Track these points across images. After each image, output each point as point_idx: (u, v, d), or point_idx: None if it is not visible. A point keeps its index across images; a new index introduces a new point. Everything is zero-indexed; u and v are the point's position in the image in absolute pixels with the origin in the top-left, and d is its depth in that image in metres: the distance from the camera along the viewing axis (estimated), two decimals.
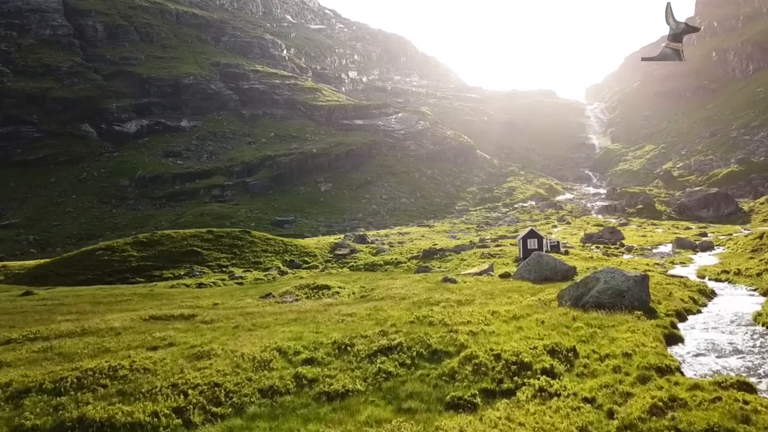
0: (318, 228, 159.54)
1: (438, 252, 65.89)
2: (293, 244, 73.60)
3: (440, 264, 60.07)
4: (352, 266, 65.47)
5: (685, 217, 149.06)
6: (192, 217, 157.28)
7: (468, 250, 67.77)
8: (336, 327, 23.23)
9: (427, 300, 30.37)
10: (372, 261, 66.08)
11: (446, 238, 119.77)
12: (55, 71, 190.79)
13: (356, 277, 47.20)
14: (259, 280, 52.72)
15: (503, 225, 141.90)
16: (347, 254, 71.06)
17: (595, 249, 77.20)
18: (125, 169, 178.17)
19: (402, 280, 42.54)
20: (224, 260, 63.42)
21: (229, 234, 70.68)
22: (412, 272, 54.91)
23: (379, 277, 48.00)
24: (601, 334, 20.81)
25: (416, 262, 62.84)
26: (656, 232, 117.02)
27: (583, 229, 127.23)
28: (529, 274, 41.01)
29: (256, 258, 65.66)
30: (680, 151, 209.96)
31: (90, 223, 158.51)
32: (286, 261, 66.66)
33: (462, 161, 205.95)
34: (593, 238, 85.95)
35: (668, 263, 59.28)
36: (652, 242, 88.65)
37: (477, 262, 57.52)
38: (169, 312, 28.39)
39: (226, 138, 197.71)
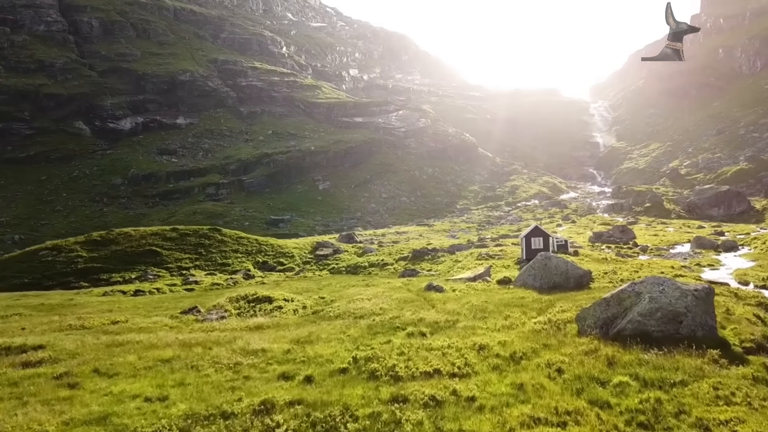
0: (314, 227, 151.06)
1: (430, 252, 56.80)
2: (269, 244, 64.59)
3: (431, 266, 51.05)
4: (332, 268, 56.65)
5: (695, 215, 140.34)
6: (184, 216, 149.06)
7: (464, 251, 58.67)
8: (202, 387, 14.23)
9: (393, 322, 21.58)
10: (355, 262, 57.15)
11: (445, 237, 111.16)
12: (48, 67, 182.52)
13: (326, 283, 38.29)
14: (217, 285, 43.85)
15: (505, 224, 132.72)
16: (329, 255, 62.10)
17: (606, 249, 67.90)
18: (118, 167, 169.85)
19: (377, 287, 33.58)
20: (186, 261, 54.71)
21: (196, 232, 61.82)
22: (396, 276, 45.95)
23: (352, 282, 39.15)
24: (671, 407, 11.45)
25: (404, 264, 53.81)
26: (667, 230, 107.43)
27: (589, 228, 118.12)
28: (533, 281, 32.07)
29: (224, 259, 56.90)
30: (687, 149, 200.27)
31: (79, 222, 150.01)
32: (258, 263, 57.80)
33: (464, 159, 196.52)
34: (603, 238, 76.45)
35: (694, 265, 50.01)
36: (667, 242, 79.05)
37: (473, 264, 48.38)
38: None
39: (223, 136, 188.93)
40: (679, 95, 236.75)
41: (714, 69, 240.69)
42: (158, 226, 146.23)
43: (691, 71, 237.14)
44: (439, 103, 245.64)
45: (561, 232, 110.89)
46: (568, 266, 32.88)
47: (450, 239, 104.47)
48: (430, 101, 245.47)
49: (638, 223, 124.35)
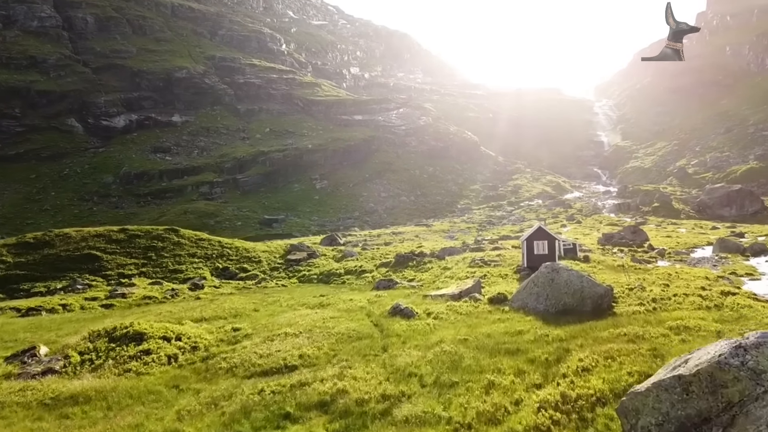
0: (309, 227, 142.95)
1: (416, 257, 48.03)
2: (233, 247, 55.85)
3: (414, 275, 42.44)
4: (303, 276, 48.23)
5: (706, 215, 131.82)
6: (174, 216, 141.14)
7: (456, 255, 49.97)
8: None
9: (294, 394, 14.38)
10: (330, 269, 48.63)
11: (442, 238, 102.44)
12: (41, 63, 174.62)
13: (273, 299, 29.90)
14: (149, 300, 35.21)
15: (507, 224, 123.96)
16: (302, 260, 53.49)
17: (619, 253, 58.91)
18: (110, 165, 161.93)
19: (331, 308, 24.64)
20: (131, 268, 46.33)
21: (148, 233, 53.23)
22: (370, 288, 36.92)
23: (307, 299, 30.66)
24: None
25: (384, 271, 45.22)
26: (680, 231, 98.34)
27: (595, 228, 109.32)
28: (536, 301, 23.37)
29: (177, 265, 48.47)
30: (694, 148, 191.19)
31: (67, 222, 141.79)
32: (218, 269, 49.28)
33: (465, 158, 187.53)
34: (613, 240, 67.31)
35: (729, 274, 40.84)
36: (684, 244, 69.84)
37: (463, 273, 39.66)
38: None
39: (219, 133, 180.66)
40: (686, 93, 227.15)
41: (721, 67, 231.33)
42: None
43: (698, 69, 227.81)
44: (440, 102, 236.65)
45: (566, 232, 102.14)
46: (583, 282, 23.48)
47: (447, 240, 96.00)
48: (432, 100, 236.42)
49: (647, 223, 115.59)
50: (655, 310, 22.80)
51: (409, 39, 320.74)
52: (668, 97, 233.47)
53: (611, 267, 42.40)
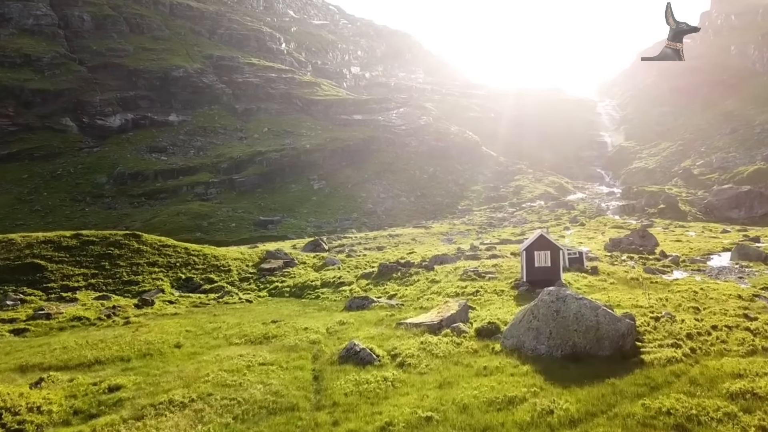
0: (305, 229, 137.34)
1: (402, 267, 42.13)
2: (201, 254, 49.92)
3: (397, 288, 36.68)
4: (275, 288, 42.52)
5: (713, 217, 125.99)
6: (166, 217, 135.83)
7: (449, 264, 44.06)
8: None
9: None
10: (305, 281, 42.84)
11: (440, 241, 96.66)
12: (35, 62, 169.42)
13: (215, 325, 23.81)
14: (79, 321, 29.03)
15: (508, 227, 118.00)
16: (276, 270, 47.70)
17: (629, 261, 52.78)
18: (104, 165, 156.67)
19: (270, 345, 19.26)
20: (79, 279, 40.65)
21: (105, 239, 47.42)
22: (342, 306, 30.84)
23: (250, 327, 24.50)
24: None
25: (365, 284, 39.43)
26: (689, 235, 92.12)
27: (600, 231, 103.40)
28: (536, 340, 17.63)
29: (133, 275, 42.77)
30: (699, 149, 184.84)
31: (57, 223, 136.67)
32: (180, 280, 43.57)
33: (466, 159, 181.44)
34: (622, 245, 61.17)
35: (761, 289, 34.83)
36: (698, 250, 63.68)
37: (453, 287, 33.85)
38: None
39: (217, 133, 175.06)
40: (690, 93, 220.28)
41: (726, 67, 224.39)
42: (140, 228, 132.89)
43: (702, 69, 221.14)
44: (442, 102, 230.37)
45: (569, 235, 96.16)
46: (599, 316, 17.32)
47: (444, 244, 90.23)
48: (433, 99, 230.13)
49: (654, 226, 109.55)
50: (695, 353, 16.90)
51: (410, 39, 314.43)
52: (672, 97, 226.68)
53: (624, 280, 36.32)
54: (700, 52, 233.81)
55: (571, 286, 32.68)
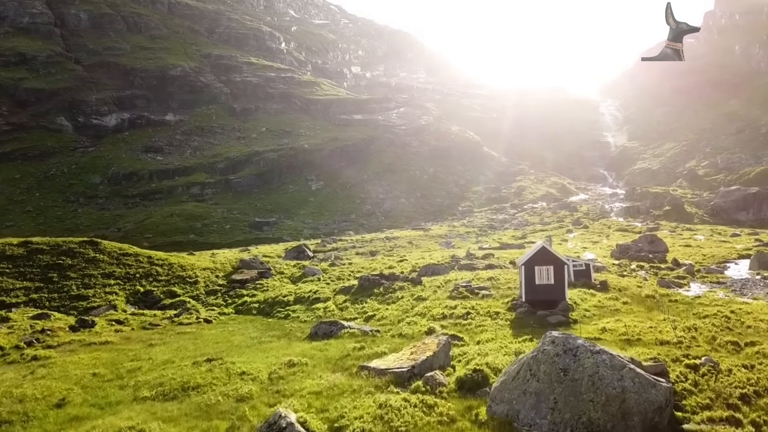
0: (302, 231, 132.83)
1: (386, 281, 37.22)
2: (166, 264, 44.93)
3: (377, 308, 31.80)
4: (243, 304, 37.76)
5: (721, 220, 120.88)
6: (159, 218, 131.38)
7: (440, 275, 39.11)
8: None
9: None
10: (278, 295, 38.00)
11: (438, 245, 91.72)
12: (30, 60, 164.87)
13: (136, 364, 19.46)
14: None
15: (509, 229, 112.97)
16: (249, 281, 42.84)
17: (639, 271, 47.66)
18: (98, 165, 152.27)
19: (180, 405, 13.69)
20: (19, 293, 35.81)
21: (57, 247, 42.54)
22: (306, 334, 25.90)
23: (208, 349, 19.28)
24: None
25: (342, 300, 34.56)
26: (697, 239, 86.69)
27: (604, 234, 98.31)
28: (534, 410, 12.42)
29: (83, 288, 37.95)
30: (704, 149, 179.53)
31: (48, 224, 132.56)
32: (138, 294, 38.70)
33: (468, 159, 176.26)
34: (630, 252, 56.01)
35: None
36: (711, 256, 58.62)
37: (440, 307, 28.99)
38: None
39: (214, 133, 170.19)
40: (694, 93, 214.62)
41: (730, 66, 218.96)
42: (133, 230, 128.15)
43: (706, 69, 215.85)
44: (443, 102, 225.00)
45: (572, 239, 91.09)
46: (624, 379, 12.15)
47: (442, 248, 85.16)
48: (434, 99, 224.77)
49: (660, 229, 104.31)
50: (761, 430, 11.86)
51: (411, 38, 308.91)
52: (675, 97, 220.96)
53: (638, 298, 31.17)
54: (704, 52, 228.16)
55: (578, 308, 27.62)
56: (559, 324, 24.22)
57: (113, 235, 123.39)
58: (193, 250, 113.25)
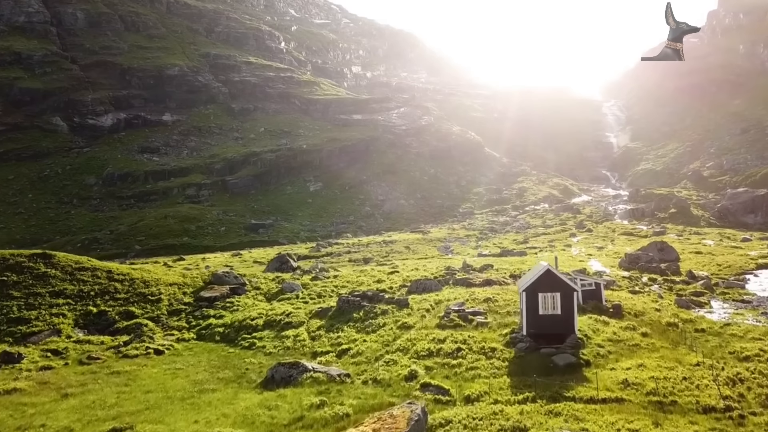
0: (298, 234, 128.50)
1: (368, 303, 32.66)
2: (128, 279, 40.32)
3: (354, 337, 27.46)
4: (207, 327, 33.56)
5: (728, 223, 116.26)
6: (153, 220, 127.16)
7: (432, 292, 34.69)
8: None
9: None
10: (247, 317, 33.65)
11: (436, 249, 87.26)
12: (25, 60, 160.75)
13: None
14: None
15: (510, 232, 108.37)
16: (218, 299, 38.41)
17: (652, 285, 43.04)
18: (93, 166, 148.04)
19: None
20: None
21: (3, 261, 37.77)
22: (262, 377, 21.25)
23: (115, 408, 14.55)
24: None
25: (317, 326, 30.20)
26: (706, 244, 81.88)
27: (609, 238, 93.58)
28: None
29: (27, 309, 33.48)
30: (708, 150, 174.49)
31: (40, 226, 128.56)
32: (90, 315, 34.23)
33: (469, 159, 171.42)
34: (640, 263, 51.33)
35: None
36: (728, 267, 53.87)
37: (427, 339, 24.63)
38: None
39: (212, 133, 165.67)
40: (697, 94, 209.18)
41: (734, 66, 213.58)
42: (126, 232, 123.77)
43: (709, 68, 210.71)
44: (444, 102, 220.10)
45: (576, 243, 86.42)
46: None
47: (440, 254, 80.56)
48: (435, 99, 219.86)
49: (667, 233, 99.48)
50: None
51: (413, 38, 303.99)
52: (678, 98, 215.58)
53: (659, 328, 26.47)
54: (707, 52, 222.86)
55: (590, 343, 22.99)
56: (569, 367, 19.71)
57: (105, 237, 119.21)
58: (186, 253, 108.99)
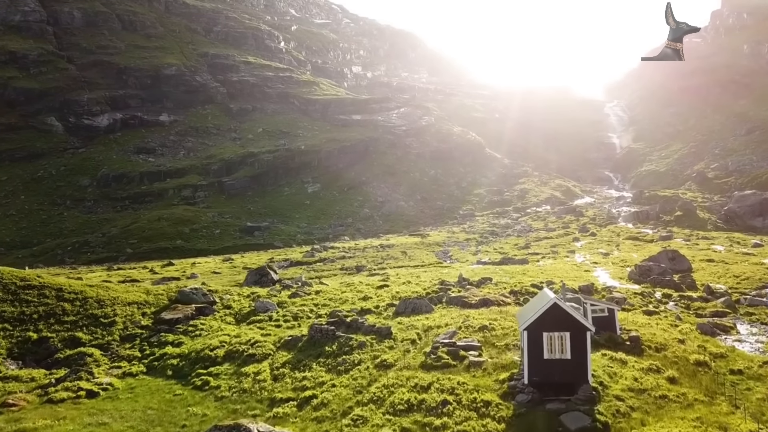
0: (294, 236, 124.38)
1: (344, 333, 28.32)
2: (80, 298, 35.69)
3: (321, 379, 23.38)
4: (160, 358, 29.34)
5: (735, 226, 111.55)
6: (146, 223, 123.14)
7: (422, 314, 30.37)
8: None
9: None
10: (206, 347, 29.41)
11: (434, 255, 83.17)
12: (21, 59, 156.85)
13: None
14: None
15: (512, 236, 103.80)
16: (180, 322, 33.98)
17: (667, 303, 38.61)
18: (88, 167, 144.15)
19: None
20: None
21: None
22: None
23: None
24: None
25: (283, 360, 25.83)
26: (716, 250, 77.40)
27: (614, 243, 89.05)
28: None
29: None
30: (713, 151, 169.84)
31: (31, 228, 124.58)
32: (28, 342, 29.68)
33: (469, 160, 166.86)
34: (652, 275, 46.92)
35: None
36: (745, 279, 50.18)
37: (406, 388, 20.99)
38: None
39: (209, 134, 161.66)
40: (701, 94, 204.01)
41: (739, 66, 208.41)
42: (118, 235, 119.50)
43: (713, 68, 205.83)
44: (445, 102, 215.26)
45: (580, 249, 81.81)
46: None
47: (439, 259, 76.20)
48: (436, 99, 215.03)
49: (673, 237, 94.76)
50: None
51: (414, 38, 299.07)
52: (682, 98, 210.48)
53: (687, 368, 22.02)
54: (711, 52, 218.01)
55: (607, 394, 18.55)
56: None
57: (97, 240, 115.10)
58: (179, 256, 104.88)
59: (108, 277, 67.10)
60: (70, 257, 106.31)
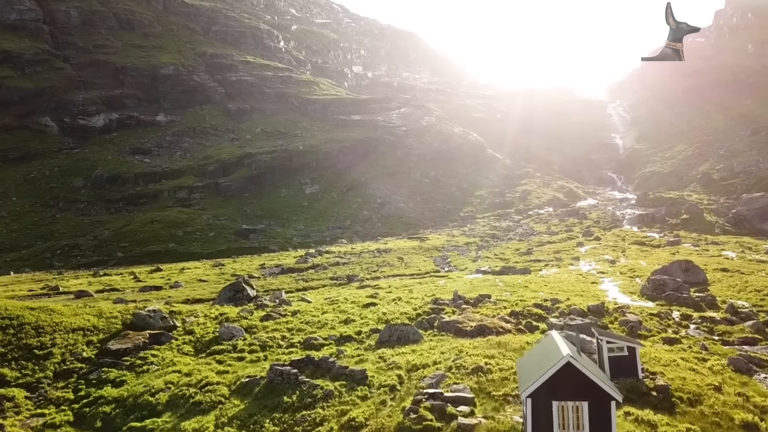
0: (291, 239, 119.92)
1: (315, 370, 23.27)
2: (16, 324, 30.35)
3: None
4: (92, 404, 24.58)
5: (744, 230, 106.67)
6: (139, 225, 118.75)
7: (410, 344, 26.15)
8: None
9: None
10: (146, 391, 24.74)
11: (432, 261, 78.95)
12: (15, 58, 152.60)
13: None
14: None
15: (513, 239, 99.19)
16: (131, 351, 28.95)
17: (689, 327, 34.21)
18: (82, 168, 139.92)
19: None
20: None
21: None
22: None
23: None
24: None
25: (234, 411, 21.05)
26: (728, 257, 72.90)
27: (620, 248, 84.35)
28: None
29: None
30: (718, 152, 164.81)
31: (22, 231, 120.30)
32: None
33: (471, 161, 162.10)
34: (666, 290, 42.54)
35: None
36: (767, 293, 44.16)
37: None
38: None
39: (206, 134, 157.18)
40: (705, 94, 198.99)
41: (743, 66, 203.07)
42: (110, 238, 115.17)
43: (718, 68, 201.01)
44: (446, 102, 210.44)
45: (584, 255, 77.14)
46: None
47: (438, 266, 71.76)
48: (437, 100, 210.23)
49: (681, 242, 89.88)
50: None
51: (415, 38, 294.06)
52: (686, 98, 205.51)
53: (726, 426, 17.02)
54: (715, 52, 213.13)
55: None
56: None
57: (87, 243, 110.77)
58: (171, 260, 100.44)
59: (89, 284, 62.80)
60: (59, 261, 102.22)
